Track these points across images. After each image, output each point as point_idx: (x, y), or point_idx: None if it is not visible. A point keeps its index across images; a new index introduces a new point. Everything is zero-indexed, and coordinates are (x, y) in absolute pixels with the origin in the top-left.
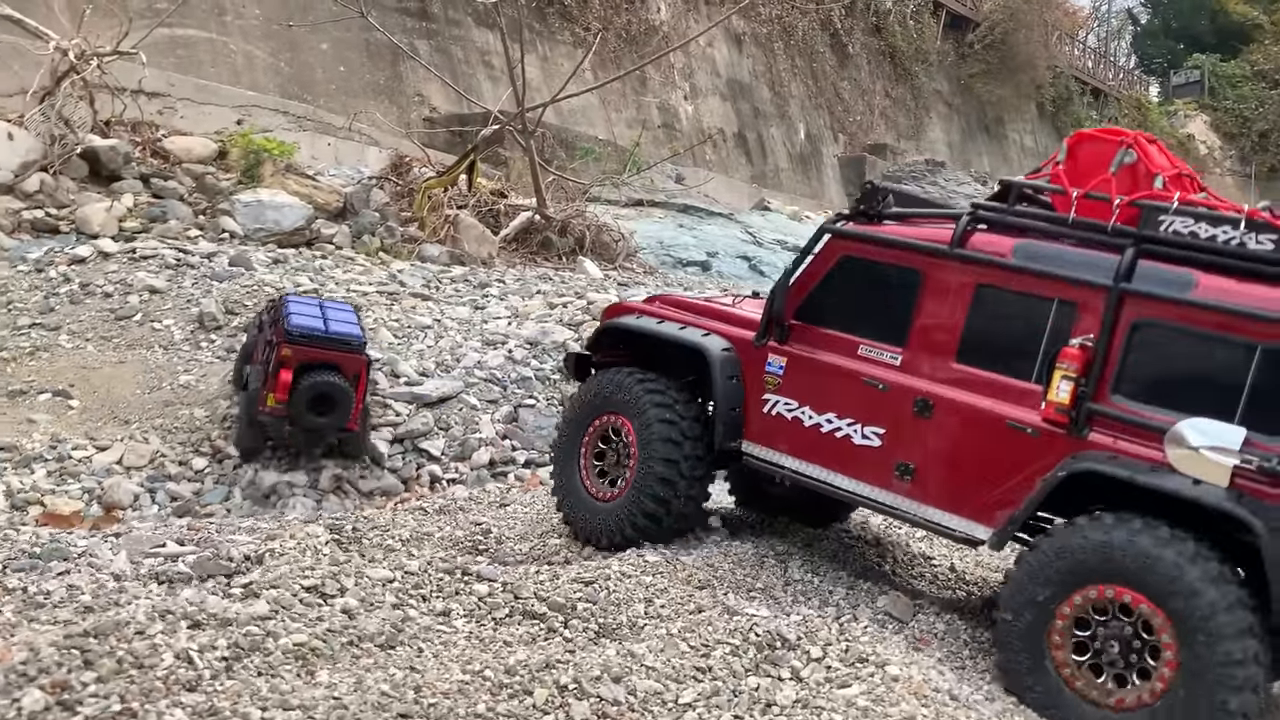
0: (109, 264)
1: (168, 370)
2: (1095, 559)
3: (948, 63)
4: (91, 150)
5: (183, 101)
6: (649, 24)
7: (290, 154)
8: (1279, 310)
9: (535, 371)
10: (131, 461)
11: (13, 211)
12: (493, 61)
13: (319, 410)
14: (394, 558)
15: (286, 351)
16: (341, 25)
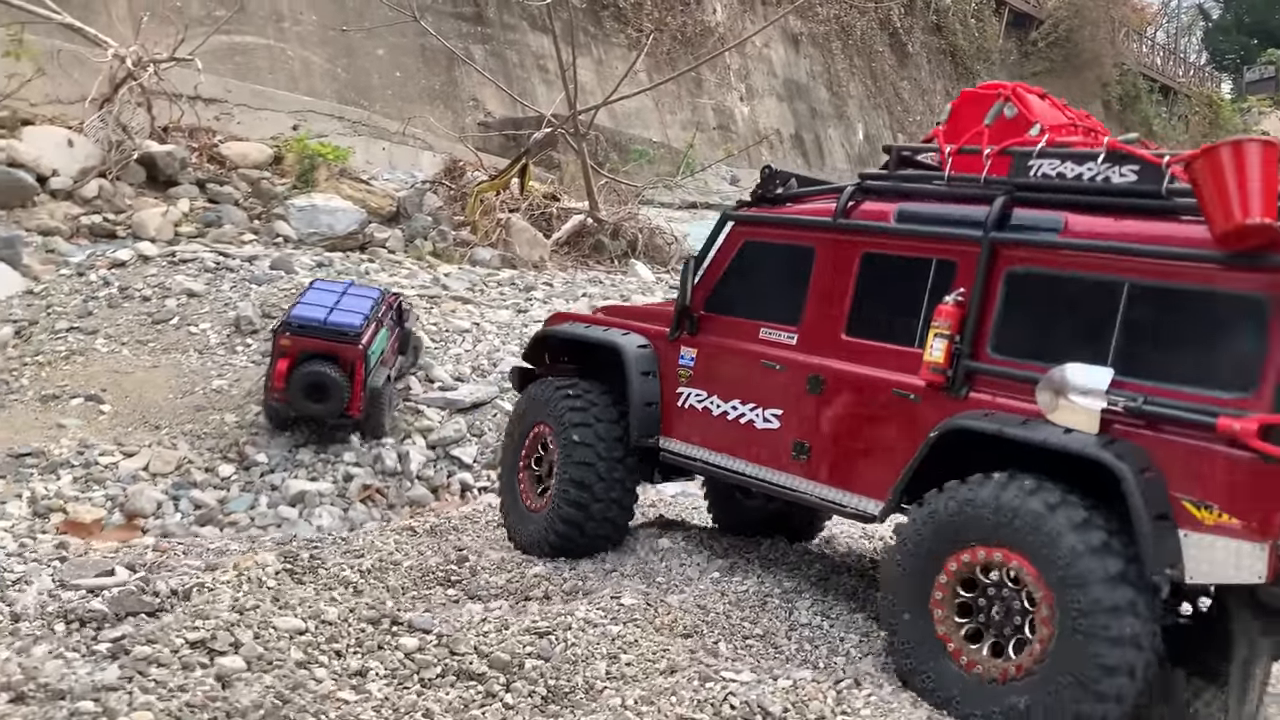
0: (149, 268)
1: (201, 375)
2: (964, 520)
3: (1010, 61)
4: (149, 156)
5: (239, 107)
6: (704, 25)
7: (344, 159)
8: (1143, 243)
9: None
10: (158, 468)
11: (71, 217)
12: (547, 65)
13: (314, 399)
14: (310, 605)
15: (285, 342)
16: (397, 31)
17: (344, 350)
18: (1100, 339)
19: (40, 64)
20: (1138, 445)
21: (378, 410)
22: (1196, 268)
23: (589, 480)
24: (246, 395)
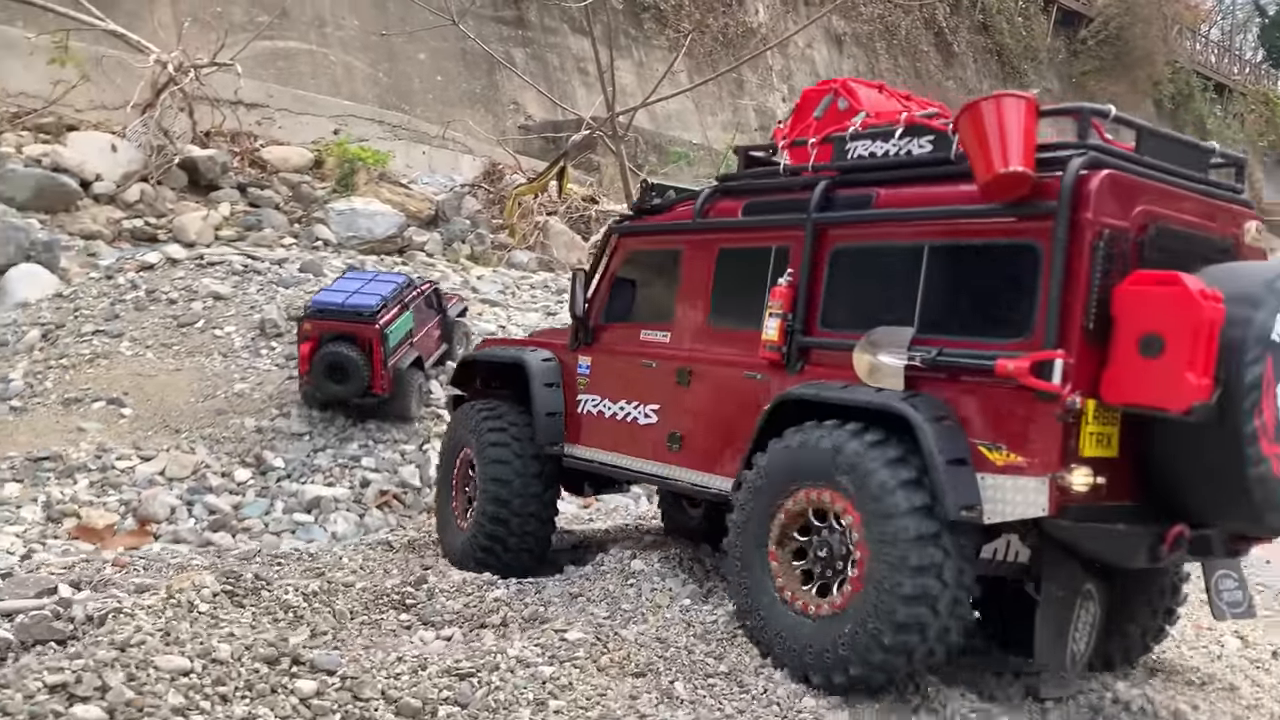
0: (176, 270)
1: (223, 378)
2: (796, 464)
3: (1058, 60)
4: (190, 160)
5: (281, 112)
6: (746, 26)
7: (384, 163)
8: (938, 205)
9: None
10: (174, 472)
11: (113, 221)
12: (588, 68)
13: (335, 379)
14: (202, 641)
15: (306, 326)
16: (438, 35)
17: (360, 330)
18: (908, 301)
19: (85, 70)
20: (936, 397)
21: (404, 392)
22: (977, 224)
23: (505, 495)
24: (268, 399)
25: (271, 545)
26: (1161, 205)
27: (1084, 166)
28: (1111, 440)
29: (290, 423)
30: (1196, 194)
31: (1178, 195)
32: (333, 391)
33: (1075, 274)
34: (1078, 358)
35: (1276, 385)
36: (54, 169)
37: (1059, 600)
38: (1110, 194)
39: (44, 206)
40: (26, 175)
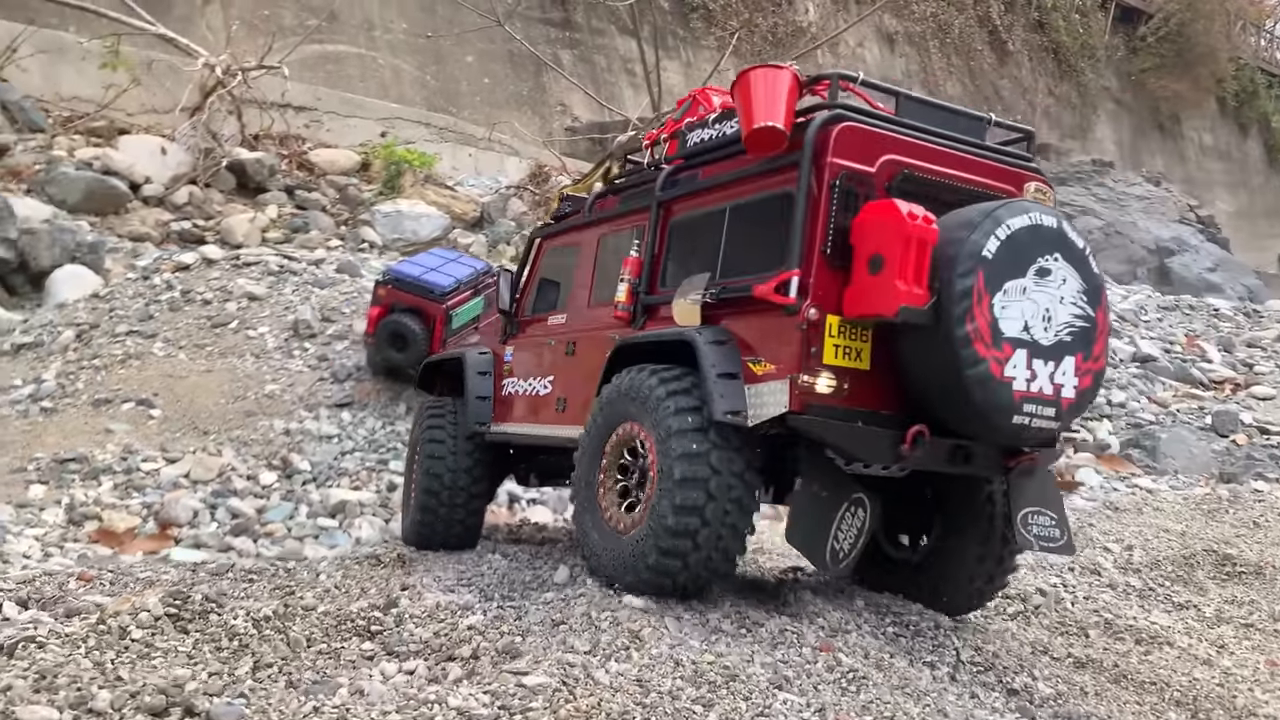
0: (212, 271)
1: (255, 379)
2: (617, 403)
3: (1117, 57)
4: (238, 163)
5: (329, 115)
6: (796, 25)
7: (430, 165)
8: (730, 173)
9: None
10: (199, 475)
11: (162, 223)
12: (634, 69)
13: (396, 347)
14: (80, 687)
15: (381, 291)
16: (486, 38)
17: (428, 306)
18: (714, 255)
19: (135, 74)
20: (721, 326)
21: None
22: (755, 183)
23: (438, 471)
24: (298, 400)
25: (294, 551)
26: (911, 156)
27: (827, 121)
28: (862, 354)
29: (320, 424)
30: (966, 153)
31: (934, 150)
32: (392, 359)
33: (815, 209)
34: (817, 278)
35: (991, 296)
36: (104, 172)
37: (821, 499)
38: (849, 142)
39: (94, 209)
40: (77, 178)
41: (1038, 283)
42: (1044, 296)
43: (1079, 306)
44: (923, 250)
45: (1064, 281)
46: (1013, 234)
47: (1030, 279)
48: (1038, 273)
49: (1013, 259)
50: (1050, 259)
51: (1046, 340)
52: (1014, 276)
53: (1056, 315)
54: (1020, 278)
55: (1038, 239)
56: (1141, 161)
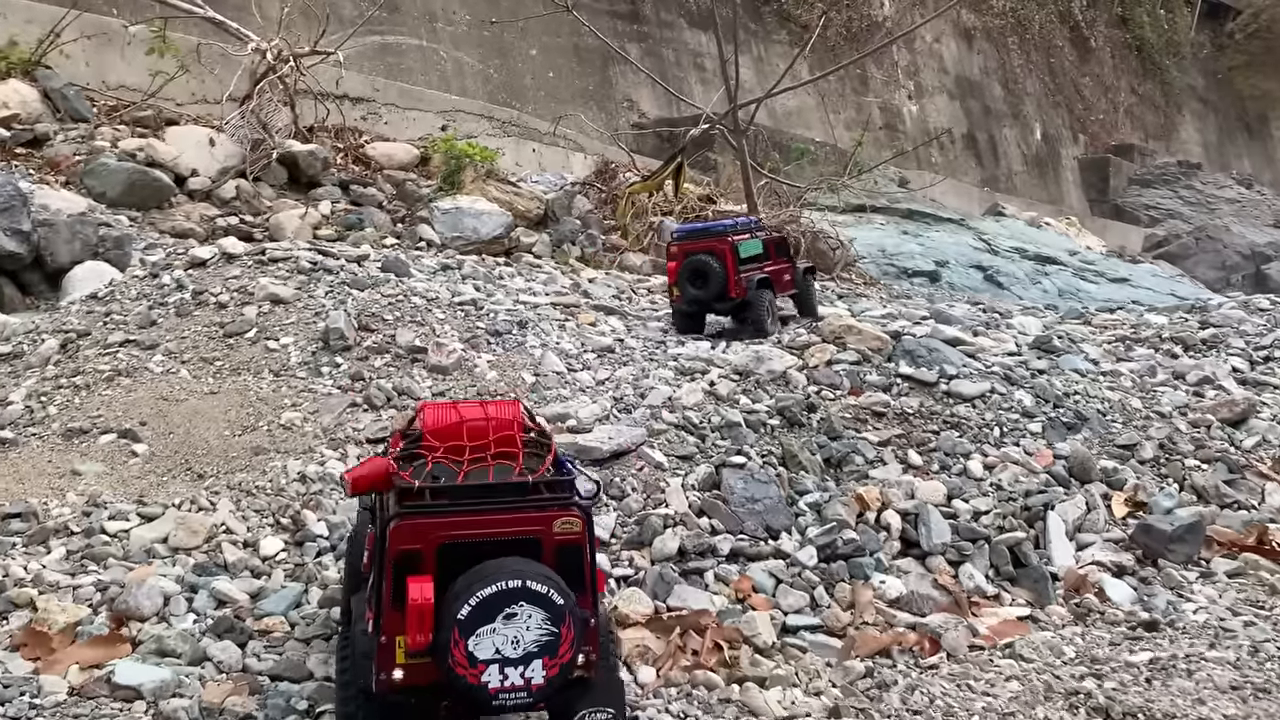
0: (231, 268)
1: (270, 404)
2: None
3: (1202, 55)
4: (290, 155)
5: (387, 107)
6: (871, 20)
7: (492, 160)
8: None
9: (746, 414)
10: (180, 540)
11: (207, 218)
12: (704, 64)
13: (696, 285)
14: None
15: (673, 249)
16: (551, 30)
17: (715, 244)
18: None
19: (184, 61)
20: None
21: (758, 304)
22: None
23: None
24: (322, 433)
25: (294, 664)
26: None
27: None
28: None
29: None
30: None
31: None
32: (694, 296)
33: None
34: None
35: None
36: (148, 164)
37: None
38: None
39: (135, 203)
40: (118, 170)
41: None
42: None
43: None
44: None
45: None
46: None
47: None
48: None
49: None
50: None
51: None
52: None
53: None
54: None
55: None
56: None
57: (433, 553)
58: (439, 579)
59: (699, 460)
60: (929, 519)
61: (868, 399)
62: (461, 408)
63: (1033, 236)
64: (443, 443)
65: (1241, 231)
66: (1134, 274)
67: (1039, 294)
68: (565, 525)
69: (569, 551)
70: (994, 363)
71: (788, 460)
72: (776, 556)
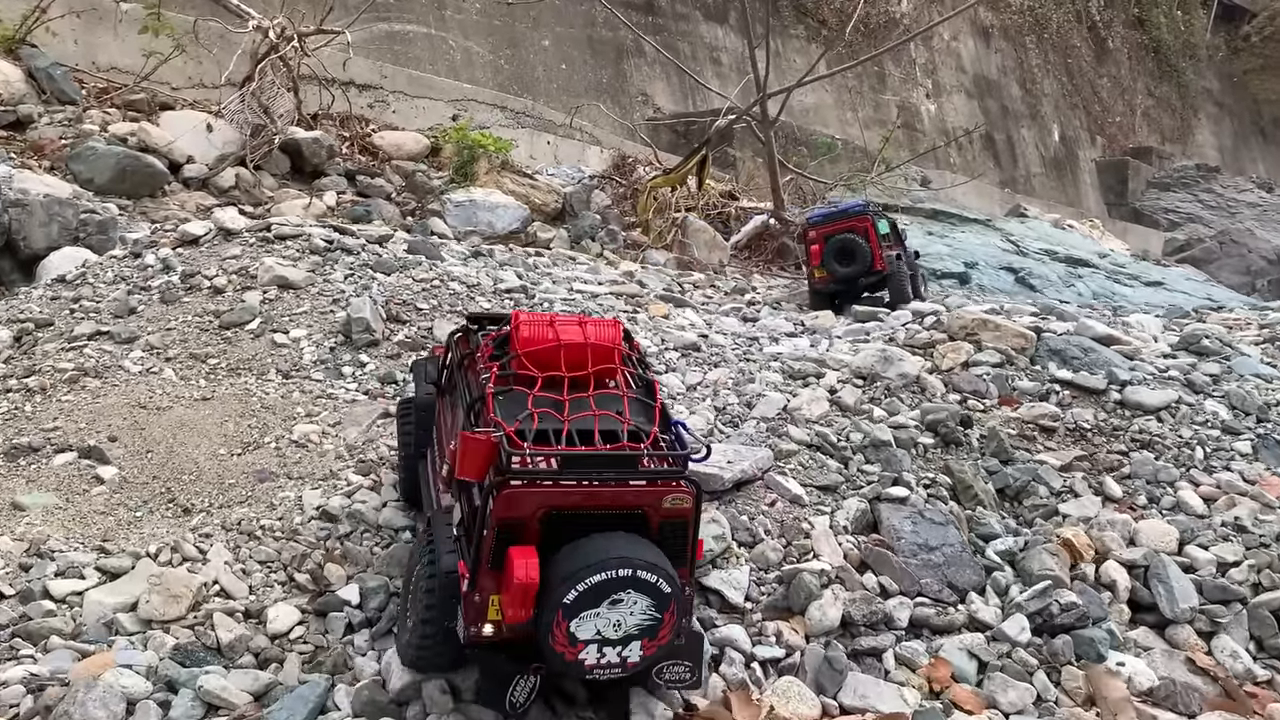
0: (230, 246)
1: (278, 413)
2: None
3: (1218, 58)
4: (293, 143)
5: (395, 95)
6: (889, 16)
7: (507, 150)
8: None
9: (894, 430)
10: (156, 608)
11: (204, 208)
12: (720, 58)
13: (843, 262)
14: None
15: (811, 234)
16: (564, 21)
17: (856, 223)
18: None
19: (180, 41)
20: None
21: (899, 274)
22: None
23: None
24: (348, 453)
25: None
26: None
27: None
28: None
29: (379, 501)
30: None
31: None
32: (843, 273)
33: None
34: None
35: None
36: (140, 149)
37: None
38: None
39: (126, 190)
40: (107, 154)
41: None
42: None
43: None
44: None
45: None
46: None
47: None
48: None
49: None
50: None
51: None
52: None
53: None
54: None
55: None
56: (1243, 168)
57: (537, 521)
58: (540, 546)
59: (845, 491)
60: (1166, 574)
61: (1030, 410)
62: (559, 326)
63: (1060, 238)
64: (539, 369)
65: (1266, 236)
66: (1167, 277)
67: (1073, 297)
68: (675, 501)
69: (675, 526)
70: (1166, 365)
71: (959, 492)
72: (972, 627)
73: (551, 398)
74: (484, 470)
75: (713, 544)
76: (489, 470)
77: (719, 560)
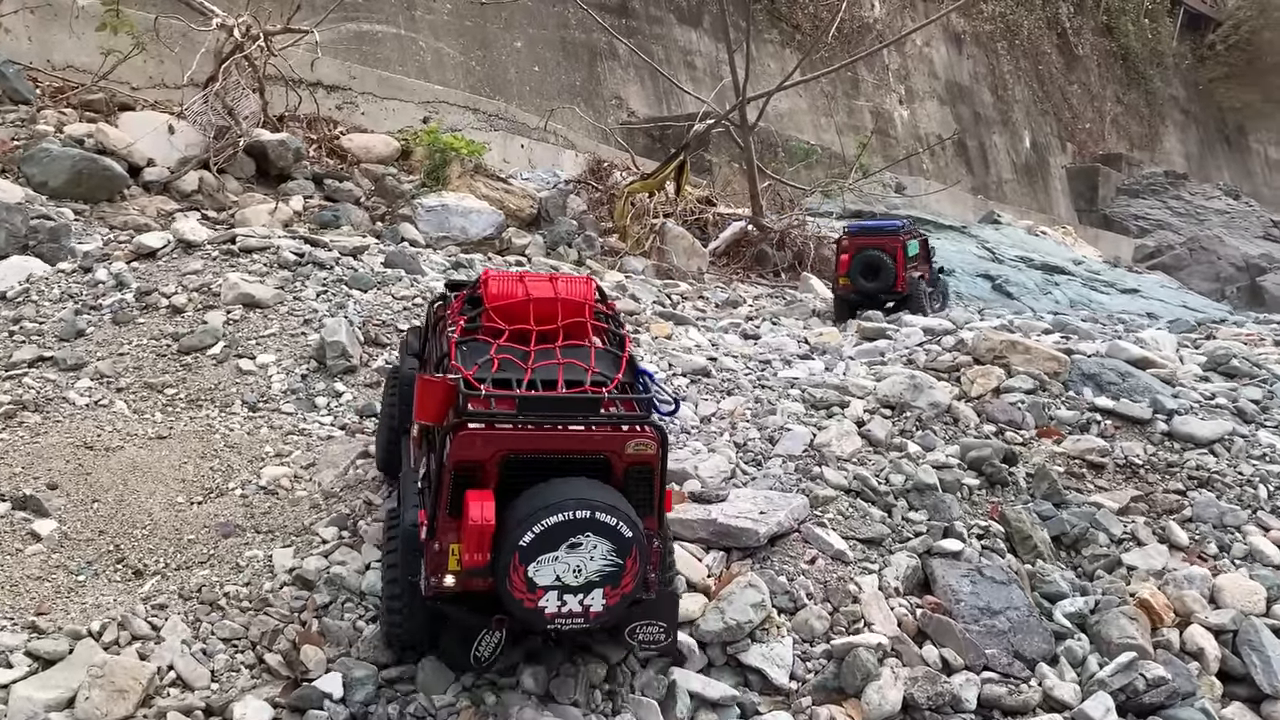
0: (191, 260)
1: (245, 454)
2: None
3: (1184, 66)
4: (259, 145)
5: (364, 96)
6: (862, 21)
7: (480, 154)
8: None
9: (939, 471)
10: (94, 709)
11: (165, 213)
12: (695, 62)
13: (868, 277)
14: None
15: (844, 243)
16: (537, 23)
17: (886, 242)
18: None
19: (140, 39)
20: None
21: (916, 293)
22: None
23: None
24: (324, 502)
25: None
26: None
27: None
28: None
29: (361, 563)
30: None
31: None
32: (866, 288)
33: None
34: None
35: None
36: (98, 151)
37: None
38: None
39: (82, 194)
40: (62, 157)
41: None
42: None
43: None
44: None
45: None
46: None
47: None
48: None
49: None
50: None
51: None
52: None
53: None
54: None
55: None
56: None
57: (495, 465)
58: (500, 491)
59: (892, 544)
60: (1259, 640)
61: (1076, 444)
62: (529, 282)
63: (1035, 245)
64: (507, 322)
65: (1234, 243)
66: (1142, 285)
67: (1050, 304)
68: (639, 446)
69: (640, 473)
70: (1211, 392)
71: (1016, 543)
72: (1048, 707)
73: (517, 348)
74: (442, 413)
75: (751, 613)
76: (448, 415)
77: (758, 632)
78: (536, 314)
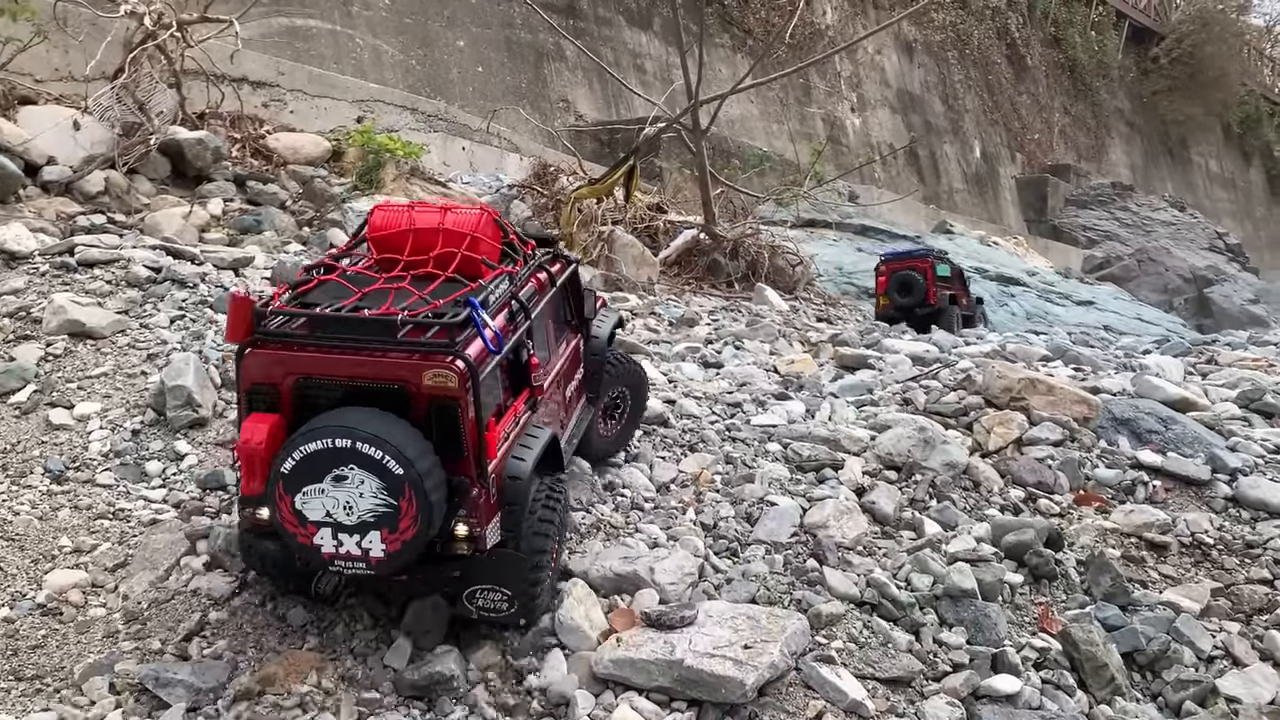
0: (12, 276)
1: (32, 549)
2: None
3: (1129, 78)
4: (175, 144)
5: (293, 94)
6: (814, 27)
7: (417, 155)
8: None
9: (974, 568)
10: None
11: (66, 216)
12: (645, 65)
13: (902, 294)
14: None
15: (882, 267)
16: (481, 21)
17: (919, 263)
18: None
19: (42, 27)
20: None
21: (949, 313)
22: None
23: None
24: (126, 623)
25: None
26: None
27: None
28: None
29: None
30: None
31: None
32: (901, 303)
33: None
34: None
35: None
36: None
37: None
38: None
39: None
40: None
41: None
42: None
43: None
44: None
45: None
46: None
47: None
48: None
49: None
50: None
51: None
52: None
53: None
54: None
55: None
56: (1154, 186)
57: (290, 390)
58: (297, 421)
59: (924, 685)
60: None
61: (1129, 518)
62: (417, 212)
63: (988, 255)
64: (381, 251)
65: (1181, 255)
66: (1097, 297)
67: (1007, 317)
68: (437, 377)
69: (444, 409)
70: (1274, 443)
71: (1086, 673)
72: None
73: (368, 276)
74: (246, 332)
75: None
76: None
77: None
78: (415, 245)
